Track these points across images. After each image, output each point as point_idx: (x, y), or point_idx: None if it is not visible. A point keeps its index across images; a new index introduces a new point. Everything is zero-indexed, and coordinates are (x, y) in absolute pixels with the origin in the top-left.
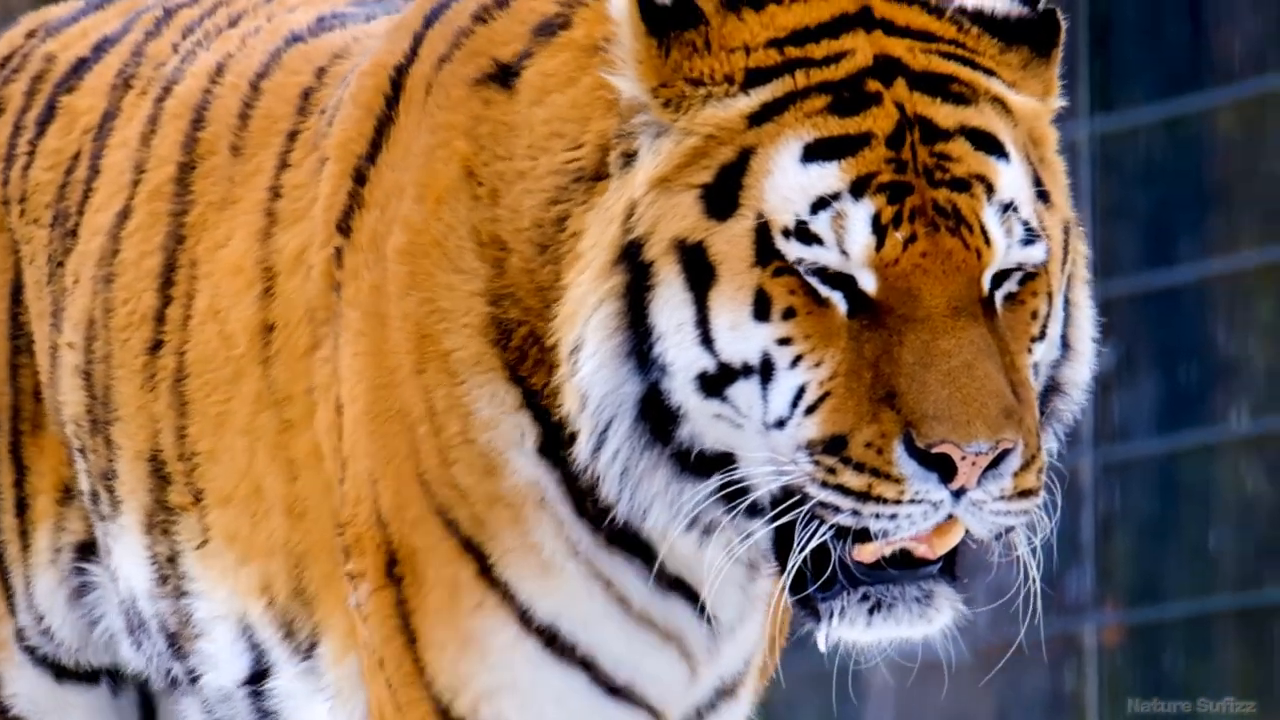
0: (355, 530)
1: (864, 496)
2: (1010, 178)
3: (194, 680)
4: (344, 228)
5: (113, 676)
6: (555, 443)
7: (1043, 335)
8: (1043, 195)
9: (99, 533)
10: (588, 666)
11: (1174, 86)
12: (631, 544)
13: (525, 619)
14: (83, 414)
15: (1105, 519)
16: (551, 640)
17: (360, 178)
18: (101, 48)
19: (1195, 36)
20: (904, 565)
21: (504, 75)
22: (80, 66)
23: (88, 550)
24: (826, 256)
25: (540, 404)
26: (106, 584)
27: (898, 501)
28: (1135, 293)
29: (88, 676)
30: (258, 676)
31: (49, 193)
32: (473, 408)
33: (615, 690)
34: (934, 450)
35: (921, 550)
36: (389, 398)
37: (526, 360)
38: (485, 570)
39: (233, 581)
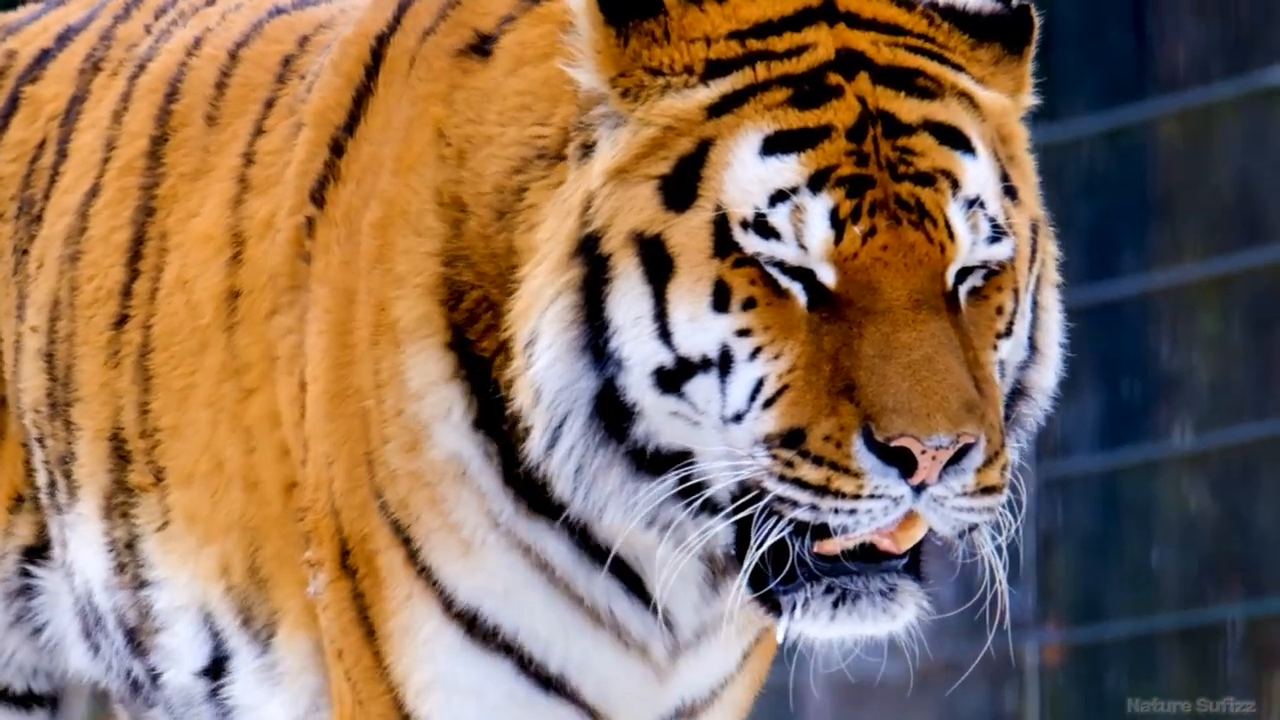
0: (315, 517)
1: (822, 491)
2: (976, 173)
3: (155, 680)
4: (318, 198)
5: (52, 705)
6: (495, 415)
7: (1008, 332)
8: (1010, 192)
9: (54, 528)
10: (512, 652)
11: (1117, 96)
12: (557, 511)
13: (447, 606)
14: (43, 398)
15: (1046, 536)
16: (472, 626)
17: (338, 149)
18: (65, 37)
19: (1138, 46)
20: (868, 559)
21: (483, 44)
22: (43, 57)
23: (35, 553)
24: (784, 251)
25: (485, 373)
26: (55, 587)
27: (856, 496)
28: (1077, 306)
29: (20, 701)
30: (216, 666)
31: (13, 185)
32: (405, 377)
33: (546, 683)
34: (893, 444)
35: (886, 544)
36: (347, 377)
37: (477, 323)
38: (412, 556)
39: (193, 565)
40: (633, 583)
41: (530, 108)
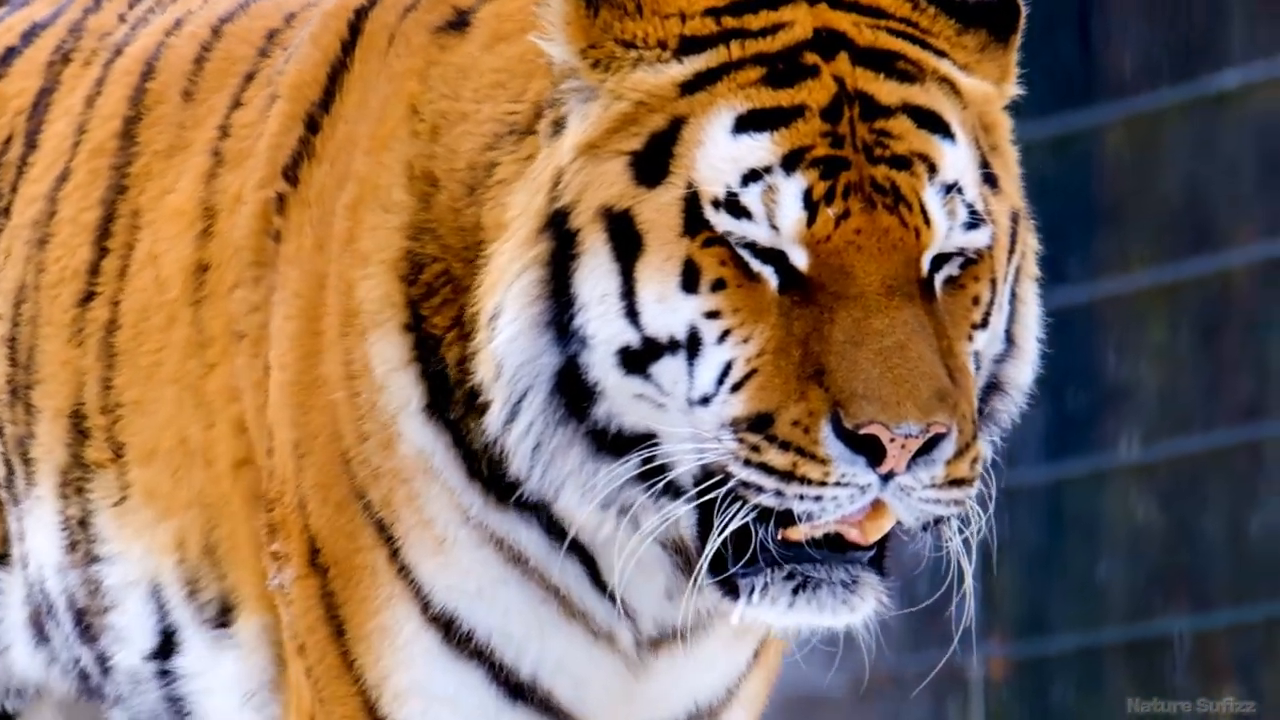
0: (282, 511)
1: (788, 476)
2: (954, 158)
3: (105, 666)
4: (291, 176)
5: None
6: (444, 402)
7: (985, 323)
8: (990, 180)
9: (11, 522)
10: (484, 659)
11: (1063, 102)
12: (524, 501)
13: (426, 608)
14: (3, 385)
15: (991, 548)
16: (449, 629)
17: (313, 125)
18: (31, 34)
19: (1085, 51)
20: (832, 549)
21: (461, 19)
22: (8, 55)
23: None
24: (756, 231)
25: (434, 354)
26: (9, 586)
27: (822, 483)
28: None
29: None
30: (165, 644)
31: None
32: (371, 365)
33: (518, 691)
34: (861, 431)
35: (853, 535)
36: (316, 367)
37: (434, 297)
38: (394, 555)
39: (148, 539)
40: (591, 569)
41: (505, 85)
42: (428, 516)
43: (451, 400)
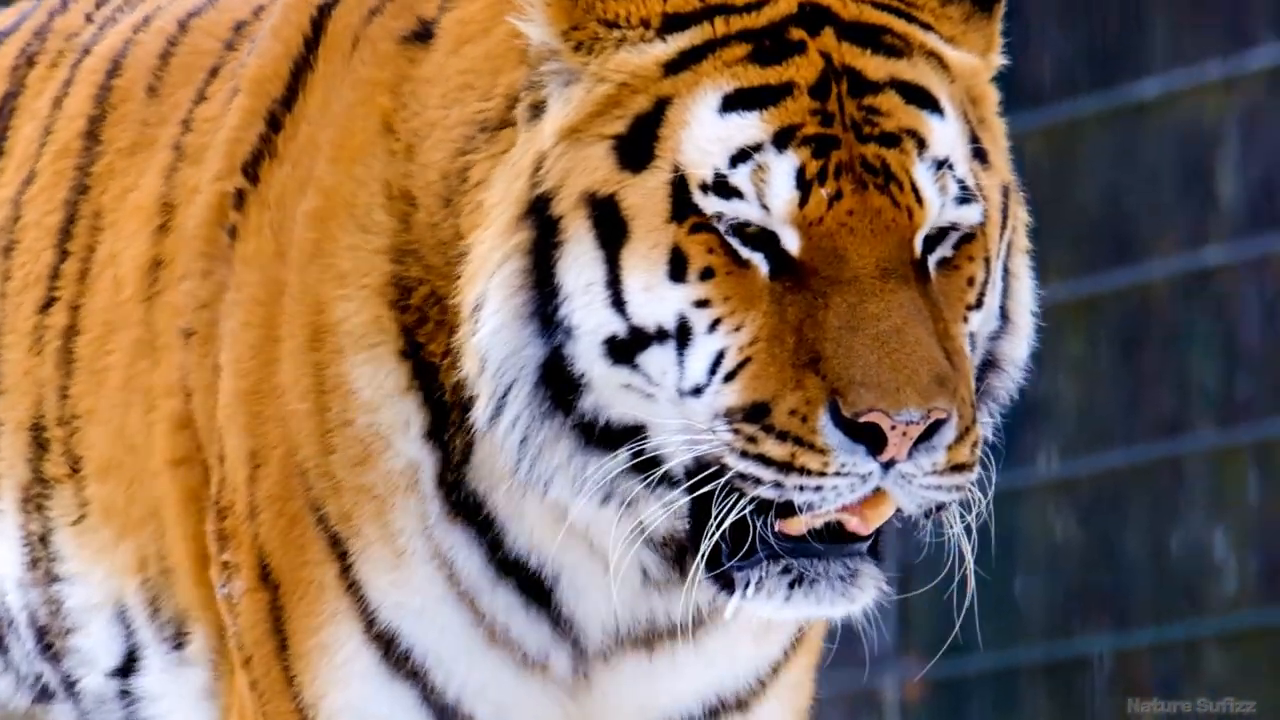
0: (234, 521)
1: (787, 467)
2: (944, 134)
3: (71, 688)
4: (250, 173)
5: None
6: (441, 424)
7: (979, 304)
8: (980, 155)
9: None
10: (418, 679)
11: None
12: (476, 514)
13: (369, 625)
14: None
15: (906, 566)
16: (388, 648)
17: (275, 123)
18: None
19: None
20: (833, 539)
21: (425, 30)
22: None
23: None
24: (747, 211)
25: (434, 379)
26: None
27: (822, 473)
28: None
29: None
30: (129, 663)
31: None
32: (354, 387)
33: (446, 714)
34: (861, 419)
35: (854, 524)
36: (274, 376)
37: (427, 323)
38: (344, 571)
39: (109, 561)
40: (538, 594)
41: (472, 85)
42: (395, 528)
43: (449, 422)
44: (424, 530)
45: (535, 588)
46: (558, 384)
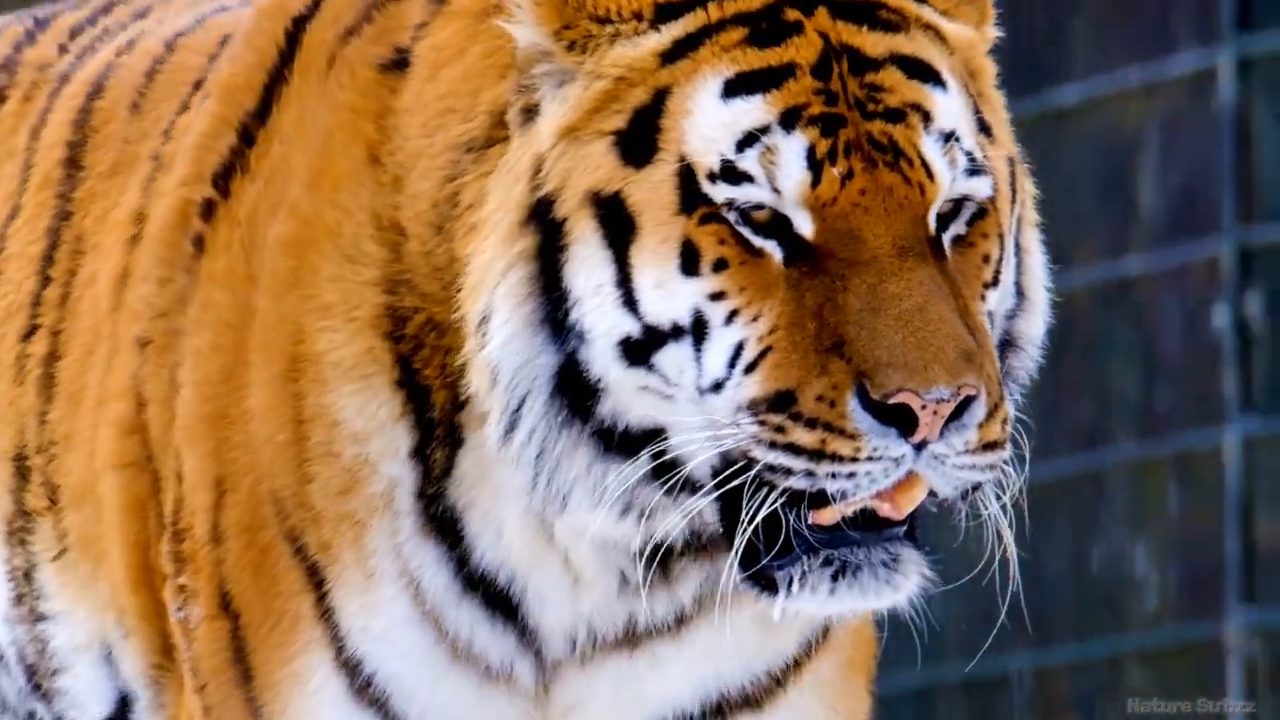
0: (193, 545)
1: (818, 455)
2: (948, 106)
3: None
4: (221, 185)
5: None
6: (427, 440)
7: (996, 281)
8: (984, 128)
9: None
10: (381, 705)
11: None
12: (447, 530)
13: (339, 652)
14: None
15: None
16: (354, 674)
17: (247, 136)
18: None
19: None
20: (867, 527)
21: (402, 59)
22: None
23: None
24: (758, 194)
25: (426, 400)
26: None
27: (854, 459)
28: None
29: None
30: (121, 712)
31: None
32: (340, 417)
33: None
34: (891, 401)
35: (885, 510)
36: (243, 401)
37: (423, 349)
38: (320, 599)
39: (91, 597)
40: (504, 606)
41: (453, 109)
42: (369, 550)
43: (433, 437)
44: (394, 548)
45: (502, 601)
46: (573, 391)
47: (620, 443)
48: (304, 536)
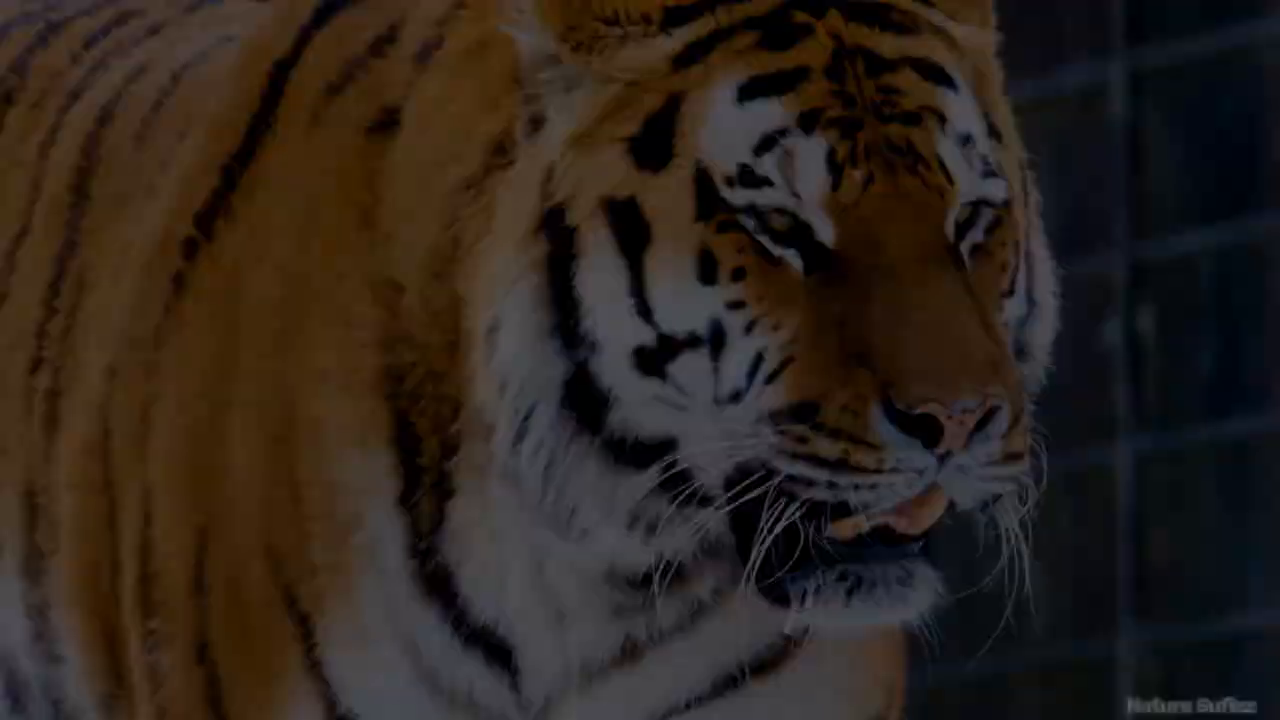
0: (164, 591)
1: (840, 466)
2: (962, 109)
3: None
4: (205, 226)
5: None
6: (413, 488)
7: (1012, 289)
8: (994, 132)
9: None
10: None
11: None
12: (443, 589)
13: (331, 708)
14: None
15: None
16: None
17: (229, 178)
18: None
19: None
20: (884, 543)
21: (390, 120)
22: None
23: None
24: (778, 198)
25: (417, 448)
26: None
27: (878, 470)
28: None
29: None
30: None
31: None
32: (338, 478)
33: None
34: (916, 411)
35: (903, 525)
36: (233, 457)
37: (420, 400)
38: (309, 651)
39: None
40: (501, 656)
41: (448, 156)
42: (360, 605)
43: (420, 485)
44: (389, 611)
45: (500, 652)
46: (583, 402)
47: (631, 454)
48: (298, 589)
